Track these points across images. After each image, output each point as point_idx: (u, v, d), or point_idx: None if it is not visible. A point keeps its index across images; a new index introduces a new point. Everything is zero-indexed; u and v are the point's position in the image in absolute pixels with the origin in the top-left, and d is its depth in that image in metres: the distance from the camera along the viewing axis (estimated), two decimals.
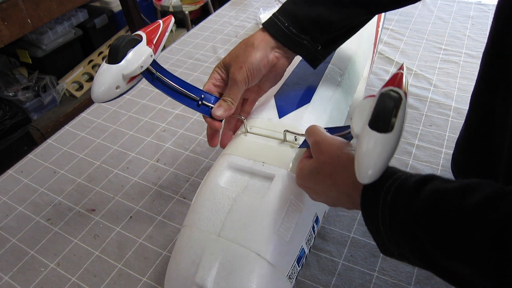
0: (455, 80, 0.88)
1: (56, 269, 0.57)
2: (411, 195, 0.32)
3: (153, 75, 0.52)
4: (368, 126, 0.33)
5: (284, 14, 0.52)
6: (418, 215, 0.31)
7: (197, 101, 0.53)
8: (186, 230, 0.45)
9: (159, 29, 0.52)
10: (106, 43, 2.12)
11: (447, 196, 0.30)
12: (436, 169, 0.67)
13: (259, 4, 1.29)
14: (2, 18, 1.29)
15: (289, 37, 0.52)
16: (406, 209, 0.32)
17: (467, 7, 1.15)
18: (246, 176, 0.48)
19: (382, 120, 0.33)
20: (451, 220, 0.29)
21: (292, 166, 0.47)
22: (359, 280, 0.53)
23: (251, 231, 0.42)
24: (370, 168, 0.33)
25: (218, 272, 0.40)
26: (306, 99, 0.55)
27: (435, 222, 0.30)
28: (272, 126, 0.52)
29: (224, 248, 0.41)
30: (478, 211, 0.28)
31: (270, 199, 0.44)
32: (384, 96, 0.33)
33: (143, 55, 0.49)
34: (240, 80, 0.51)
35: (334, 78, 0.60)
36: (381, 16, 0.79)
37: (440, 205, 0.30)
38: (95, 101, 0.49)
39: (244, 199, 0.44)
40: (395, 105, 0.33)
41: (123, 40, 0.48)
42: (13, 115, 1.57)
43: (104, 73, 0.47)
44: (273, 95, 0.57)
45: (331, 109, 0.56)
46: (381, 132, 0.32)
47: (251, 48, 0.51)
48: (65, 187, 0.70)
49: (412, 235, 0.32)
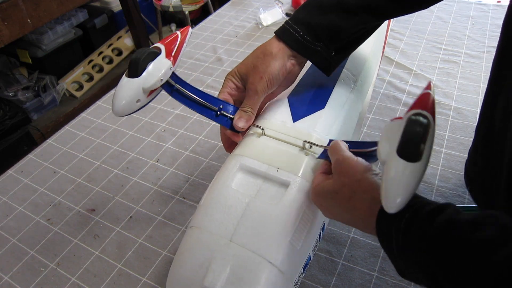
0: (455, 80, 0.88)
1: (56, 269, 0.57)
2: (424, 225, 0.32)
3: (173, 87, 0.52)
4: (397, 154, 0.32)
5: (297, 23, 0.52)
6: (430, 243, 0.31)
7: (215, 112, 0.53)
8: (195, 231, 0.44)
9: (177, 41, 0.53)
10: (106, 43, 2.12)
11: (458, 230, 0.30)
12: (436, 169, 0.67)
13: (259, 4, 1.29)
14: (2, 18, 1.29)
15: (304, 45, 0.52)
16: (419, 238, 0.32)
17: (467, 7, 1.15)
18: (259, 180, 0.46)
19: (412, 149, 0.32)
20: (461, 252, 0.29)
21: (307, 174, 0.46)
22: (359, 280, 0.53)
23: (264, 238, 0.41)
24: (399, 197, 0.32)
25: (228, 278, 0.40)
26: (320, 104, 0.54)
27: (445, 253, 0.30)
28: (286, 130, 0.50)
29: (236, 254, 0.41)
30: (487, 247, 0.28)
31: (284, 207, 0.43)
32: (413, 123, 0.32)
33: (163, 68, 0.49)
34: (260, 90, 0.51)
35: (348, 83, 0.59)
36: (390, 21, 0.79)
37: (451, 236, 0.30)
38: (116, 115, 0.49)
39: (257, 204, 0.43)
40: (424, 132, 0.32)
41: (143, 54, 0.48)
42: (13, 115, 1.57)
43: (124, 87, 0.47)
44: (286, 96, 0.56)
45: (344, 115, 0.55)
46: (410, 161, 0.32)
47: (270, 57, 0.51)
48: (65, 187, 0.70)
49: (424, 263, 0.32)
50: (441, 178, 0.66)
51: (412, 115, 0.33)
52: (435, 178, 0.66)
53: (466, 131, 0.74)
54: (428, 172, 0.67)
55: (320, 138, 0.49)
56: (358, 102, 0.60)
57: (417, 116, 0.32)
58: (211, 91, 0.90)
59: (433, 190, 0.64)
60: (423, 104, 0.33)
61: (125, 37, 2.18)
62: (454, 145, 0.72)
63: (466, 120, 0.77)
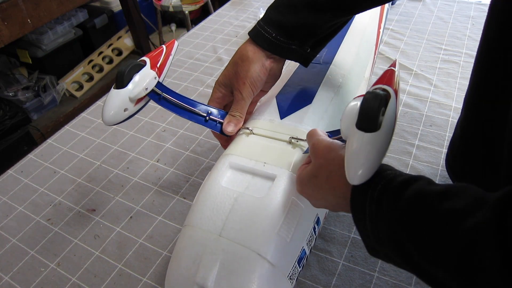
0: (455, 80, 0.88)
1: (56, 269, 0.57)
2: (396, 194, 0.32)
3: (160, 96, 0.54)
4: (355, 127, 0.33)
5: (269, 24, 0.53)
6: (400, 214, 0.31)
7: (204, 117, 0.55)
8: (187, 229, 0.45)
9: (162, 53, 0.56)
10: (106, 43, 2.12)
11: (428, 199, 0.30)
12: (436, 169, 0.67)
13: (259, 4, 1.29)
14: (2, 18, 1.29)
15: (279, 46, 0.53)
16: (390, 207, 0.32)
17: (467, 7, 1.15)
18: (248, 176, 0.48)
19: (368, 119, 0.32)
20: (428, 223, 0.29)
21: (293, 166, 0.47)
22: (360, 281, 0.53)
23: (252, 231, 0.42)
24: (360, 169, 0.33)
25: (219, 272, 0.40)
26: (307, 100, 0.55)
27: (414, 222, 0.30)
28: (273, 127, 0.52)
29: (225, 248, 0.41)
30: (454, 218, 0.28)
31: (271, 199, 0.44)
32: (370, 95, 0.33)
33: (147, 78, 0.52)
34: (246, 95, 0.53)
35: (335, 79, 0.60)
36: (382, 17, 0.79)
37: (420, 207, 0.30)
38: (106, 124, 0.51)
39: (245, 199, 0.44)
40: (381, 103, 0.32)
41: (128, 66, 0.51)
42: (13, 115, 1.57)
43: (112, 97, 0.50)
44: (274, 96, 0.58)
45: (332, 110, 0.56)
46: (368, 131, 0.32)
47: (247, 62, 0.53)
48: (65, 187, 0.70)
49: (395, 234, 0.32)
50: (441, 178, 0.66)
51: (370, 89, 0.33)
52: (435, 178, 0.66)
53: None
54: (428, 172, 0.67)
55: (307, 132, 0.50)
56: (349, 97, 0.61)
57: (376, 90, 0.33)
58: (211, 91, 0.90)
59: None
60: (385, 80, 0.34)
61: (125, 37, 2.18)
62: None
63: None
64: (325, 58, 0.64)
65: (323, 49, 0.63)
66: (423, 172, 0.67)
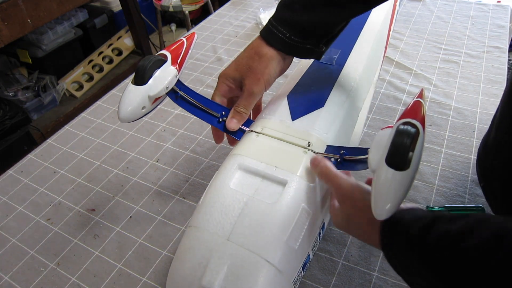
0: (455, 80, 0.88)
1: (56, 269, 0.57)
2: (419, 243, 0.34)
3: (177, 94, 0.52)
4: (385, 163, 0.33)
5: (282, 24, 0.51)
6: (430, 261, 0.33)
7: (217, 118, 0.53)
8: (193, 230, 0.44)
9: (183, 47, 0.53)
10: (106, 43, 2.12)
11: (450, 240, 0.32)
12: (436, 169, 0.67)
13: (259, 4, 1.29)
14: (2, 18, 1.29)
15: (293, 46, 0.51)
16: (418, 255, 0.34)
17: (467, 7, 1.15)
18: (257, 179, 0.46)
19: (399, 158, 0.32)
20: (456, 264, 0.31)
21: (305, 173, 0.46)
22: (359, 280, 0.53)
23: (261, 237, 0.41)
24: (387, 204, 0.34)
25: (226, 277, 0.40)
26: (319, 103, 0.53)
27: (443, 267, 0.32)
28: (285, 128, 0.50)
29: (233, 253, 0.41)
30: (476, 255, 0.29)
31: (282, 206, 0.43)
32: (401, 132, 0.33)
33: (169, 76, 0.49)
34: (257, 92, 0.51)
35: (347, 83, 0.58)
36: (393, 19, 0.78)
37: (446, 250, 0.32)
38: (121, 121, 0.49)
39: (255, 203, 0.43)
40: (412, 141, 0.32)
41: (150, 61, 0.48)
42: (13, 115, 1.57)
43: (130, 94, 0.48)
44: (285, 95, 0.56)
45: (343, 114, 0.54)
46: (398, 169, 0.32)
47: (266, 58, 0.51)
48: (65, 187, 0.70)
49: (426, 278, 0.34)
50: (441, 178, 0.66)
51: (400, 124, 0.33)
52: (435, 178, 0.66)
53: (466, 131, 0.74)
54: (428, 172, 0.67)
55: (319, 136, 0.49)
56: (359, 102, 0.60)
57: (406, 126, 0.33)
58: (211, 91, 0.89)
59: (433, 190, 0.64)
60: (413, 113, 0.34)
61: (125, 37, 2.18)
62: (454, 145, 0.72)
63: (466, 120, 0.77)
64: (338, 60, 0.62)
65: (337, 51, 0.62)
66: (423, 171, 0.67)
